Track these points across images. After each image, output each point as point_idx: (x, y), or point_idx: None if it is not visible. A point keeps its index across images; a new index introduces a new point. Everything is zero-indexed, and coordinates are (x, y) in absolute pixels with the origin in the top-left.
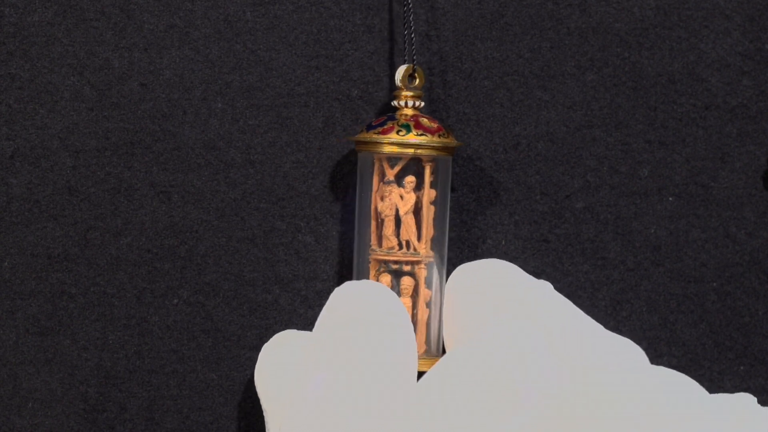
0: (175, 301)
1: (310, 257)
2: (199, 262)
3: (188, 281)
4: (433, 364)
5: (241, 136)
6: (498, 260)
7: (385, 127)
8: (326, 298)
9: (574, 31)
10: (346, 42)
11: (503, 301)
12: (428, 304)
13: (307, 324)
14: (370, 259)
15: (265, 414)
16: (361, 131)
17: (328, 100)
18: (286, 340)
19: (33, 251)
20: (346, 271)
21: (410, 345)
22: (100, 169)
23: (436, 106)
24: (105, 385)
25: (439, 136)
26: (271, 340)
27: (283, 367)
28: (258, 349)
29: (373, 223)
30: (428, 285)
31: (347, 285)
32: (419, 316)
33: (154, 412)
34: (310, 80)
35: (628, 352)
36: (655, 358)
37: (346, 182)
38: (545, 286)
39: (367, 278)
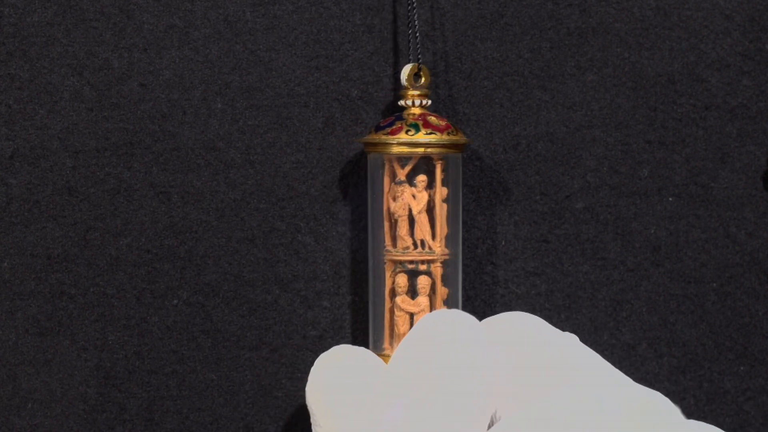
0: (175, 301)
1: (310, 258)
2: (198, 262)
3: (188, 282)
4: None
5: (241, 137)
6: (522, 313)
7: (394, 127)
8: (326, 298)
9: (574, 31)
10: (346, 42)
11: (529, 356)
12: (446, 302)
13: (306, 324)
14: (386, 260)
15: (315, 428)
16: (369, 132)
17: (328, 100)
18: (343, 354)
19: (33, 251)
20: (345, 272)
21: (488, 382)
22: (99, 169)
23: (437, 106)
24: (105, 385)
25: (448, 133)
26: (328, 352)
27: (339, 382)
28: (258, 349)
29: (386, 224)
30: (446, 283)
31: (434, 314)
32: None
33: (153, 413)
34: (310, 80)
35: (658, 405)
36: (655, 358)
37: (346, 182)
38: (571, 339)
39: (383, 279)
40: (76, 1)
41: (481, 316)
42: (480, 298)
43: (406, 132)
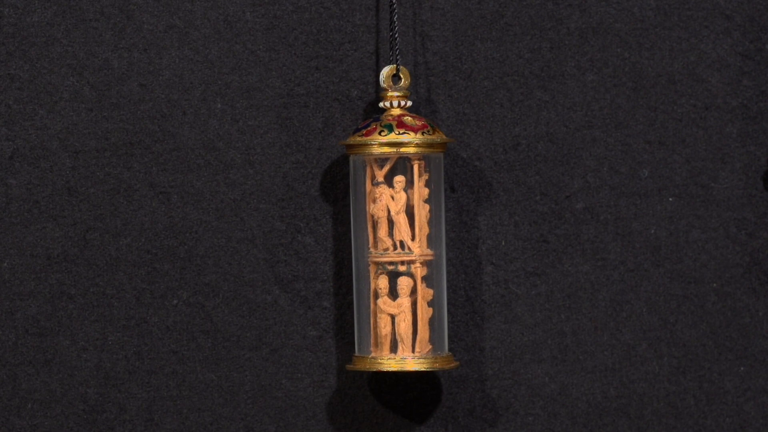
0: (175, 301)
1: (310, 258)
2: (198, 262)
3: (188, 282)
4: (443, 362)
5: (240, 137)
6: None
7: (369, 128)
8: (326, 298)
9: (574, 31)
10: (346, 42)
11: None
12: (431, 303)
13: (306, 324)
14: (369, 262)
15: None
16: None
17: (327, 100)
18: None
19: (32, 251)
20: (345, 272)
21: None
22: (99, 169)
23: (436, 106)
24: (104, 385)
25: (423, 133)
26: None
27: None
28: (258, 349)
29: (370, 226)
30: (429, 284)
31: None
32: (421, 315)
33: (153, 413)
34: (310, 80)
35: None
36: (655, 358)
37: (346, 183)
38: None
39: (368, 282)
40: (76, 1)
41: (481, 316)
42: (480, 298)
43: (380, 133)
